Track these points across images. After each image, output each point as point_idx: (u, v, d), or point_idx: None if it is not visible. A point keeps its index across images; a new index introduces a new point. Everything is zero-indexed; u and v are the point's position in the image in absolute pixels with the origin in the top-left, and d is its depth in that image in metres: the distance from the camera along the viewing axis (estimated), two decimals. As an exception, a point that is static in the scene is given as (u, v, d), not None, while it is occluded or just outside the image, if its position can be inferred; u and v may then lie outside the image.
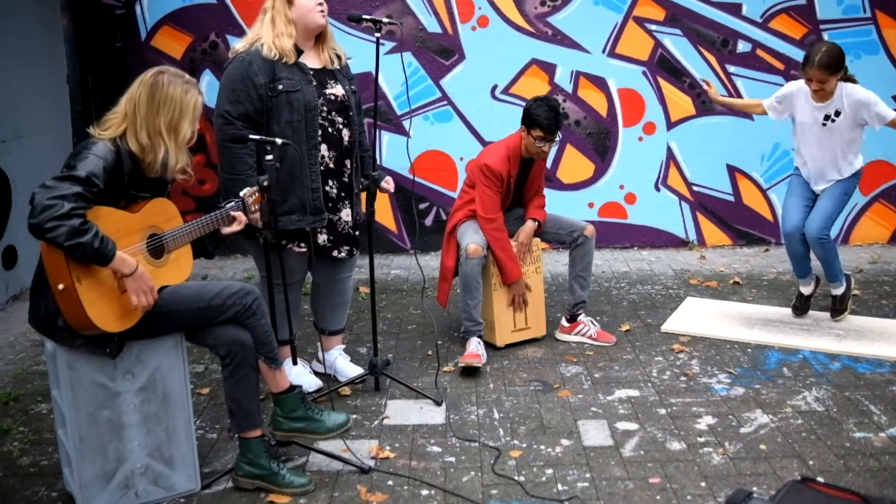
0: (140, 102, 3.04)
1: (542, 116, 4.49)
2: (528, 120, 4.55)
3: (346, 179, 4.07)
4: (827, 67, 4.50)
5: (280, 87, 3.79)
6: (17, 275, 5.81)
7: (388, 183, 4.24)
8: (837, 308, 5.02)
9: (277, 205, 3.58)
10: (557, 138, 4.63)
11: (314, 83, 3.89)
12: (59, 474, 3.41)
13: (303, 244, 3.99)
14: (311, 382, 4.21)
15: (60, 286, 2.84)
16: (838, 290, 5.00)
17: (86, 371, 3.07)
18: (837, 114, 4.63)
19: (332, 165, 3.99)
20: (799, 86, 4.78)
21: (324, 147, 3.94)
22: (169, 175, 3.17)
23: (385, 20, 3.94)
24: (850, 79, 4.69)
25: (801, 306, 5.13)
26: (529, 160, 4.72)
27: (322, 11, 3.90)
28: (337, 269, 4.25)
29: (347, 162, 4.06)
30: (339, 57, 4.08)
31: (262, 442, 3.30)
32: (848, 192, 4.84)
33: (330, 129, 3.95)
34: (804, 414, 3.89)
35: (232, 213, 3.32)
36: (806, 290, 5.10)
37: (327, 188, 3.99)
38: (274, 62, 3.79)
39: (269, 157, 3.40)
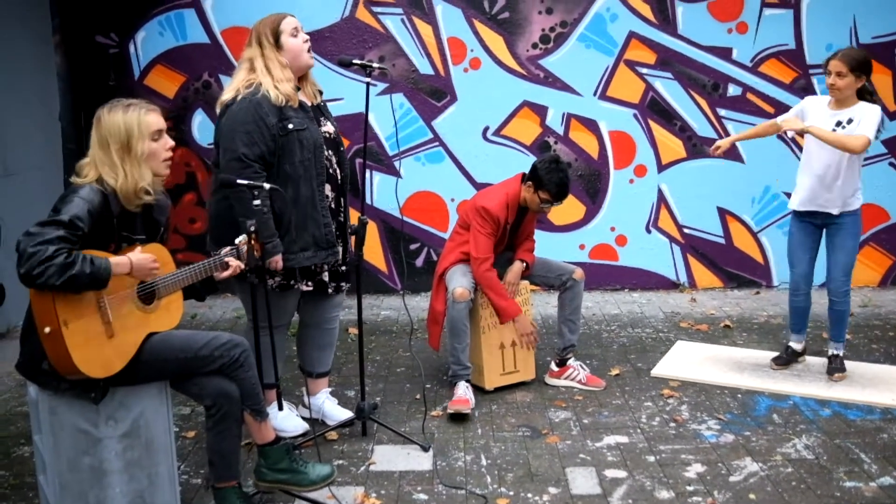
0: (95, 142, 3.07)
1: (554, 185, 4.49)
2: (538, 181, 4.53)
3: (342, 218, 4.08)
4: (848, 61, 4.45)
5: (290, 126, 3.80)
6: (4, 313, 5.76)
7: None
8: (839, 368, 4.84)
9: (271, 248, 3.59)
10: None
11: (315, 121, 3.93)
12: (40, 521, 3.36)
13: (310, 283, 4.01)
14: (297, 426, 4.17)
15: (47, 329, 2.82)
16: (841, 351, 4.88)
17: (68, 417, 3.03)
18: (850, 121, 4.54)
19: (332, 205, 4.01)
20: (816, 101, 4.72)
21: (327, 186, 3.96)
22: (153, 197, 3.13)
23: (375, 65, 3.95)
24: (872, 98, 4.62)
25: (788, 359, 5.00)
26: (526, 208, 4.72)
27: (310, 51, 3.96)
28: (327, 308, 4.24)
29: (342, 200, 4.08)
30: (320, 92, 4.13)
31: (234, 490, 3.27)
32: (857, 233, 4.77)
33: (329, 169, 3.97)
34: (794, 462, 3.86)
35: (226, 259, 3.31)
36: (798, 346, 5.00)
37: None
38: (281, 107, 3.81)
39: (257, 201, 3.40)
